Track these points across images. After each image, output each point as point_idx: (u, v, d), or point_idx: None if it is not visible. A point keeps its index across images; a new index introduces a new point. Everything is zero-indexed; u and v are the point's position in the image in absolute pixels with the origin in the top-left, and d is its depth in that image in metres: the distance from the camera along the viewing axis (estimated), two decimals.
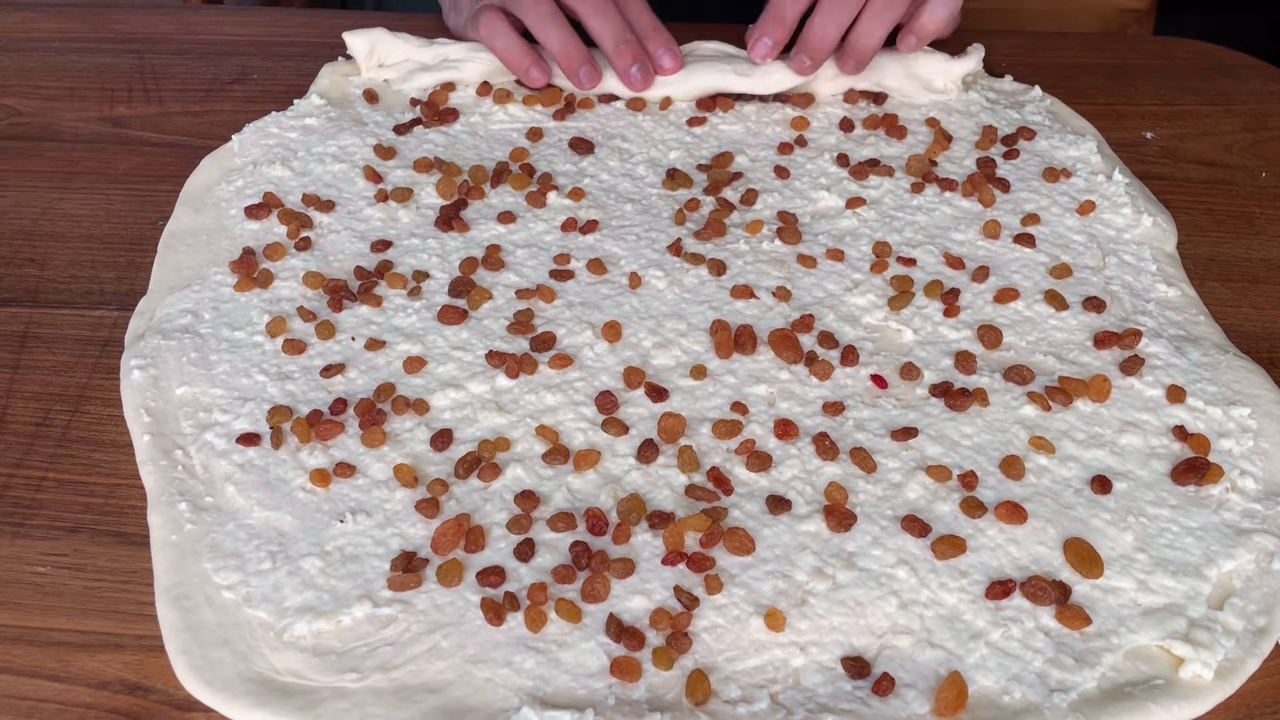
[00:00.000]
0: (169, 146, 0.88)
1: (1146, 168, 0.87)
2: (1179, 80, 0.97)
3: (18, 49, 0.99)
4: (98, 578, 0.58)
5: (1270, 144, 0.90)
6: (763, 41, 0.86)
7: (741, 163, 0.84)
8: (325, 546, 0.58)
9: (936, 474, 0.62)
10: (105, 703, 0.53)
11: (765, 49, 0.86)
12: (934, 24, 0.86)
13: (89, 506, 0.62)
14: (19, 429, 0.66)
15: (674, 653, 0.54)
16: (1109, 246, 0.77)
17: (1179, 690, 0.53)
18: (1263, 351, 0.72)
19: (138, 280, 0.75)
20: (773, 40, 0.86)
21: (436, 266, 0.75)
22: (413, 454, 0.63)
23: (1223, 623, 0.56)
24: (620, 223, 0.79)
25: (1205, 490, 0.62)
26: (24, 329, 0.72)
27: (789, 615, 0.55)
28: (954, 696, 0.52)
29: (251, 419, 0.64)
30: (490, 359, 0.68)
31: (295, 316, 0.71)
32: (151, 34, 1.01)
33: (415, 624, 0.55)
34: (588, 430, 0.64)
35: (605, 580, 0.56)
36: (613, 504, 0.60)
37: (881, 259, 0.76)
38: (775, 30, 0.86)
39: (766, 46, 0.86)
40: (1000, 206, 0.80)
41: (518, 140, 0.86)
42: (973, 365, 0.68)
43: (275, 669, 0.54)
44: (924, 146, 0.86)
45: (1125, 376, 0.68)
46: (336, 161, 0.83)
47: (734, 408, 0.66)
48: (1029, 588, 0.56)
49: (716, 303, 0.73)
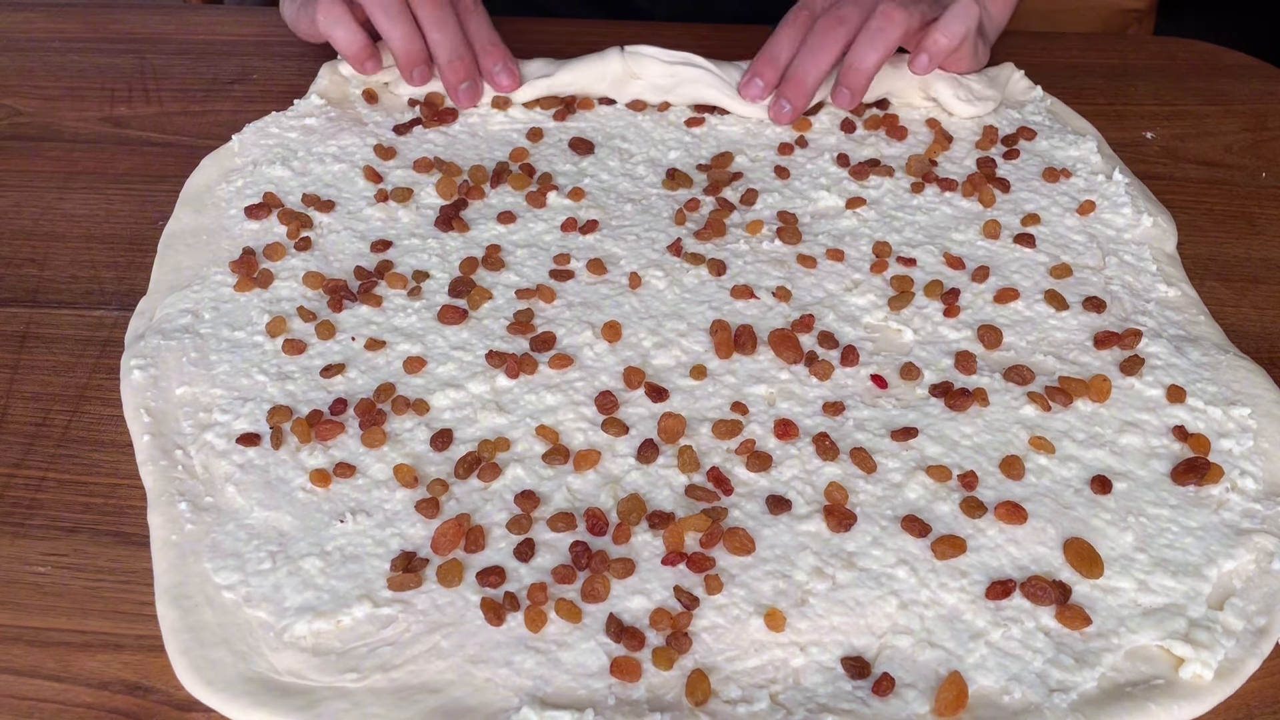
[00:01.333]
0: (169, 146, 0.88)
1: (1146, 168, 0.87)
2: (1179, 80, 0.97)
3: (18, 49, 0.99)
4: (98, 578, 0.58)
5: (1270, 144, 0.90)
6: (754, 83, 0.86)
7: (741, 163, 0.84)
8: (325, 546, 0.58)
9: (936, 474, 0.62)
10: (105, 703, 0.53)
11: (757, 90, 0.86)
12: (948, 40, 0.84)
13: (89, 506, 0.62)
14: (19, 429, 0.66)
15: (674, 653, 0.54)
16: (1109, 246, 0.77)
17: (1179, 690, 0.53)
18: (1263, 351, 0.72)
19: (138, 280, 0.75)
20: (764, 82, 0.86)
21: (436, 266, 0.75)
22: (413, 454, 0.63)
23: (1223, 623, 0.56)
24: (620, 223, 0.79)
25: (1205, 490, 0.62)
26: (24, 329, 0.72)
27: (789, 615, 0.55)
28: (954, 696, 0.52)
29: (251, 419, 0.64)
30: (490, 359, 0.68)
31: (295, 316, 0.71)
32: (151, 34, 1.01)
33: (415, 624, 0.55)
34: (588, 430, 0.64)
35: (605, 580, 0.56)
36: (613, 504, 0.60)
37: (881, 259, 0.76)
38: (767, 71, 0.86)
39: (758, 88, 0.86)
40: (1000, 206, 0.80)
41: (518, 140, 0.86)
42: (973, 365, 0.68)
43: (275, 669, 0.54)
44: (924, 146, 0.86)
45: (1125, 376, 0.68)
46: (336, 161, 0.83)
47: (734, 408, 0.66)
48: (1029, 588, 0.56)
49: (716, 303, 0.73)
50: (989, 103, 0.88)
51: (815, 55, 0.84)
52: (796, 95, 0.85)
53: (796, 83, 0.85)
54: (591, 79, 0.88)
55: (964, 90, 0.88)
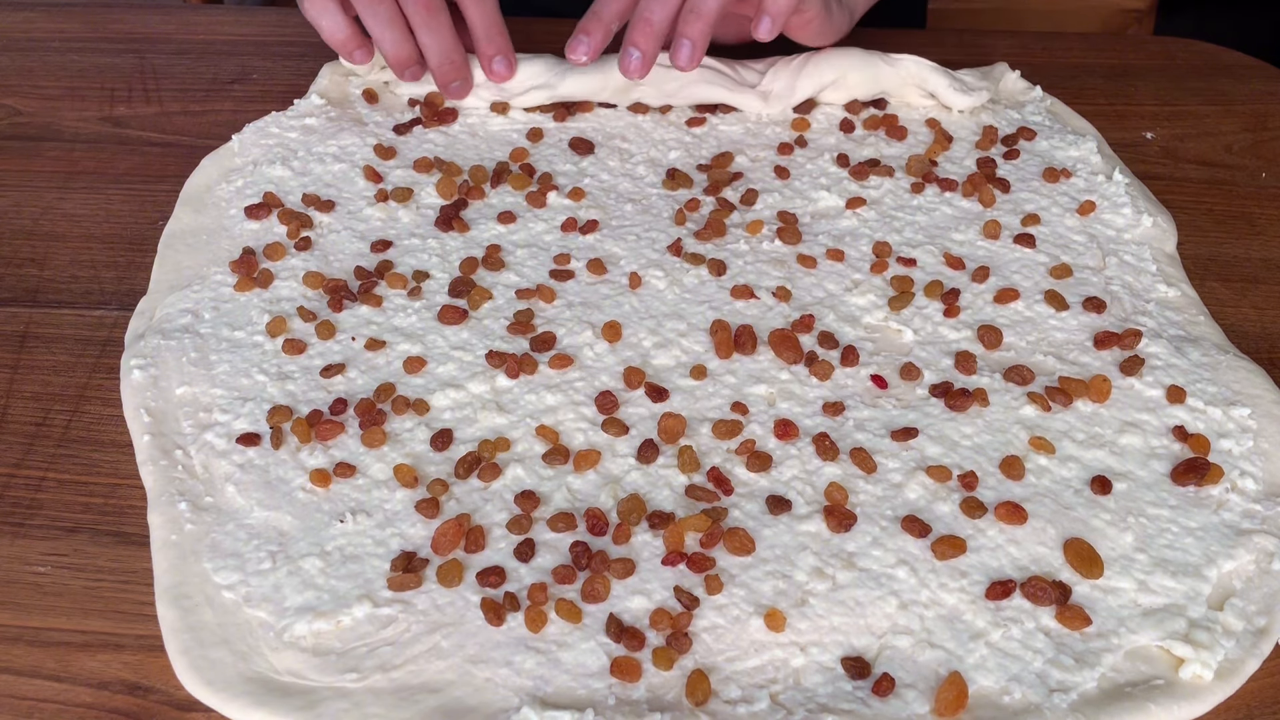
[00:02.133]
0: (169, 146, 0.88)
1: (1146, 168, 0.87)
2: (1179, 80, 0.97)
3: (18, 49, 0.99)
4: (98, 578, 0.58)
5: (1270, 144, 0.90)
6: (579, 40, 0.80)
7: (741, 163, 0.84)
8: (325, 546, 0.58)
9: (936, 474, 0.62)
10: (105, 703, 0.53)
11: (583, 48, 0.80)
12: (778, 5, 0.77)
13: (89, 506, 0.62)
14: (19, 429, 0.66)
15: (674, 653, 0.54)
16: (1109, 246, 0.77)
17: (1179, 690, 0.53)
18: (1263, 351, 0.72)
19: (138, 280, 0.75)
20: (590, 39, 0.80)
21: (436, 266, 0.75)
22: (413, 454, 0.63)
23: (1223, 623, 0.56)
24: (620, 223, 0.79)
25: (1205, 490, 0.62)
26: (24, 329, 0.72)
27: (789, 615, 0.55)
28: (954, 697, 0.52)
29: (251, 419, 0.64)
30: (490, 359, 0.68)
31: (295, 316, 0.71)
32: (151, 34, 1.01)
33: (415, 624, 0.55)
34: (588, 430, 0.64)
35: (605, 580, 0.56)
36: (613, 504, 0.60)
37: (881, 259, 0.76)
38: (593, 28, 0.81)
39: (584, 46, 0.80)
40: (1000, 206, 0.80)
41: (518, 140, 0.86)
42: (973, 365, 0.68)
43: (275, 669, 0.54)
44: (924, 147, 0.86)
45: (1125, 377, 0.68)
46: (336, 161, 0.83)
47: (734, 408, 0.66)
48: (1029, 588, 0.56)
49: (716, 303, 0.73)
50: (983, 93, 0.88)
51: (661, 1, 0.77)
52: (645, 39, 0.78)
53: (643, 23, 0.77)
54: (594, 88, 0.87)
55: (957, 82, 0.88)
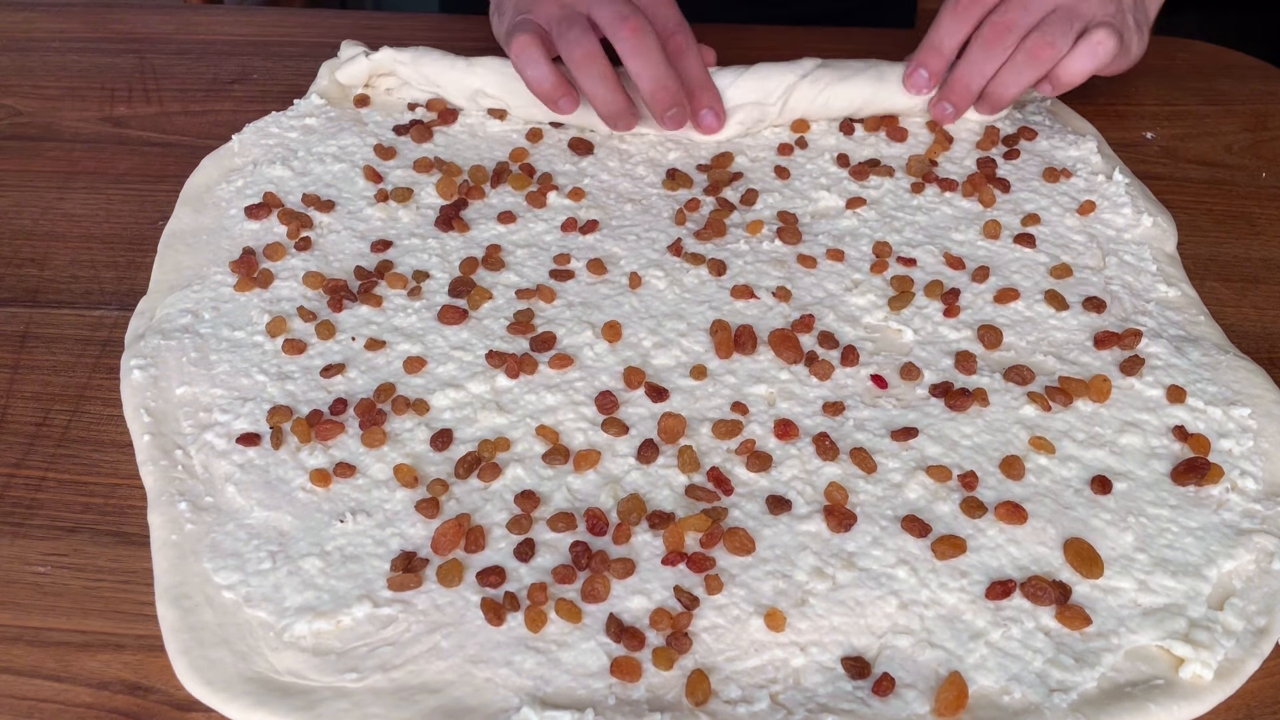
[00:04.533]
0: (169, 146, 0.88)
1: (1146, 168, 0.87)
2: (1179, 80, 0.97)
3: (18, 49, 0.99)
4: (98, 578, 0.58)
5: (1270, 144, 0.90)
6: (919, 74, 0.86)
7: (741, 163, 0.84)
8: (325, 546, 0.58)
9: (936, 474, 0.62)
10: (105, 703, 0.53)
11: (922, 81, 0.86)
12: (1069, 78, 0.84)
13: (89, 506, 0.62)
14: (19, 429, 0.66)
15: (674, 653, 0.54)
16: (1109, 246, 0.77)
17: (1179, 690, 0.53)
18: (1263, 351, 0.72)
19: (138, 280, 0.75)
20: (929, 73, 0.86)
21: (436, 266, 0.75)
22: (413, 454, 0.63)
23: (1223, 623, 0.56)
24: (620, 223, 0.79)
25: (1205, 490, 0.62)
26: (24, 329, 0.72)
27: (789, 615, 0.55)
28: (954, 696, 0.52)
29: (251, 419, 0.64)
30: (490, 359, 0.68)
31: (295, 316, 0.71)
32: (151, 34, 1.01)
33: (415, 624, 0.55)
34: (588, 430, 0.64)
35: (605, 580, 0.56)
36: (613, 504, 0.60)
37: (881, 259, 0.76)
38: (932, 61, 0.86)
39: (923, 79, 0.86)
40: (1000, 206, 0.80)
41: (517, 140, 0.86)
42: (973, 365, 0.68)
43: (275, 669, 0.53)
44: (924, 147, 0.86)
45: (1125, 376, 0.68)
46: (336, 161, 0.83)
47: (734, 408, 0.66)
48: (1029, 588, 0.56)
49: (716, 303, 0.73)
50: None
51: (980, 65, 0.84)
52: (961, 100, 0.86)
53: (962, 88, 0.85)
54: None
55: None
